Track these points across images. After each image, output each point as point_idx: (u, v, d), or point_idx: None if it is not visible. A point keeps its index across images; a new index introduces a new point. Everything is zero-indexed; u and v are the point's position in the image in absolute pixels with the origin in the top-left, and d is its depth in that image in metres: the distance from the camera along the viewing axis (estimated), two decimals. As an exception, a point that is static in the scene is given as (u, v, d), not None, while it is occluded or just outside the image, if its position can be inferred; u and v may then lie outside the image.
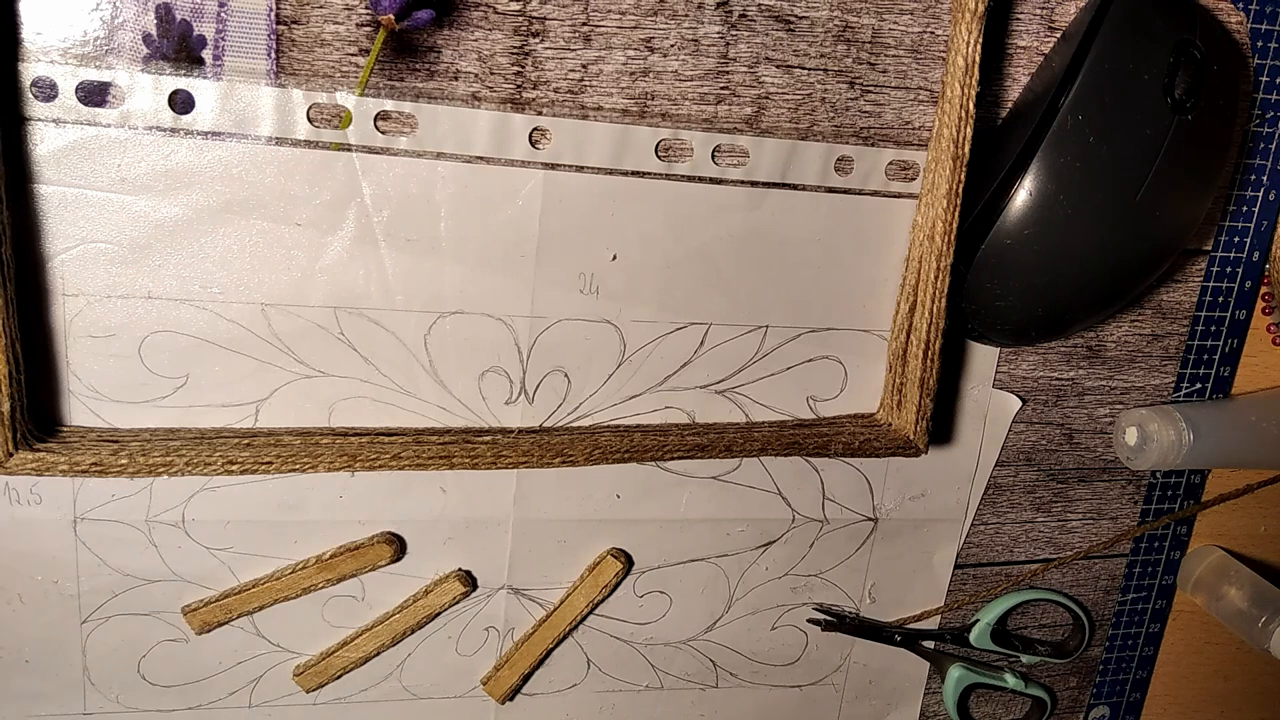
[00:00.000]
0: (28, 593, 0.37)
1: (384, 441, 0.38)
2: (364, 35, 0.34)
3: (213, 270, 0.35)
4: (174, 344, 0.36)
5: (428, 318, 0.38)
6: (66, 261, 0.34)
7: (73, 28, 0.32)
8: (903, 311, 0.41)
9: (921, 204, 0.40)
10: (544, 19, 0.36)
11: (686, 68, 0.38)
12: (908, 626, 0.48)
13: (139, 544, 0.38)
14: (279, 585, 0.39)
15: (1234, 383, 0.49)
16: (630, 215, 0.39)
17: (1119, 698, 0.53)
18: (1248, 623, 0.48)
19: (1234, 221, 0.46)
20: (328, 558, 0.39)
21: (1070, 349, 0.46)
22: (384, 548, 0.39)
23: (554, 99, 0.37)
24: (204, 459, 0.35)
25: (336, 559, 0.39)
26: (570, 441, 0.39)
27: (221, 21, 0.33)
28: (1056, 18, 0.41)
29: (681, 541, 0.43)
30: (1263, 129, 0.45)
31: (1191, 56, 0.39)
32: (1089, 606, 0.51)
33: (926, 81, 0.40)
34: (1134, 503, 0.50)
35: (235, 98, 0.34)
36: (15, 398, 0.33)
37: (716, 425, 0.42)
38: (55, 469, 0.34)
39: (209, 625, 0.39)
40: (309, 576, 0.39)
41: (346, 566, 0.39)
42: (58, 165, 0.33)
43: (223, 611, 0.39)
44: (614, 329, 0.40)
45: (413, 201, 0.36)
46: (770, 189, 0.40)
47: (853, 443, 0.42)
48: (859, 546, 0.46)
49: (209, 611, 0.39)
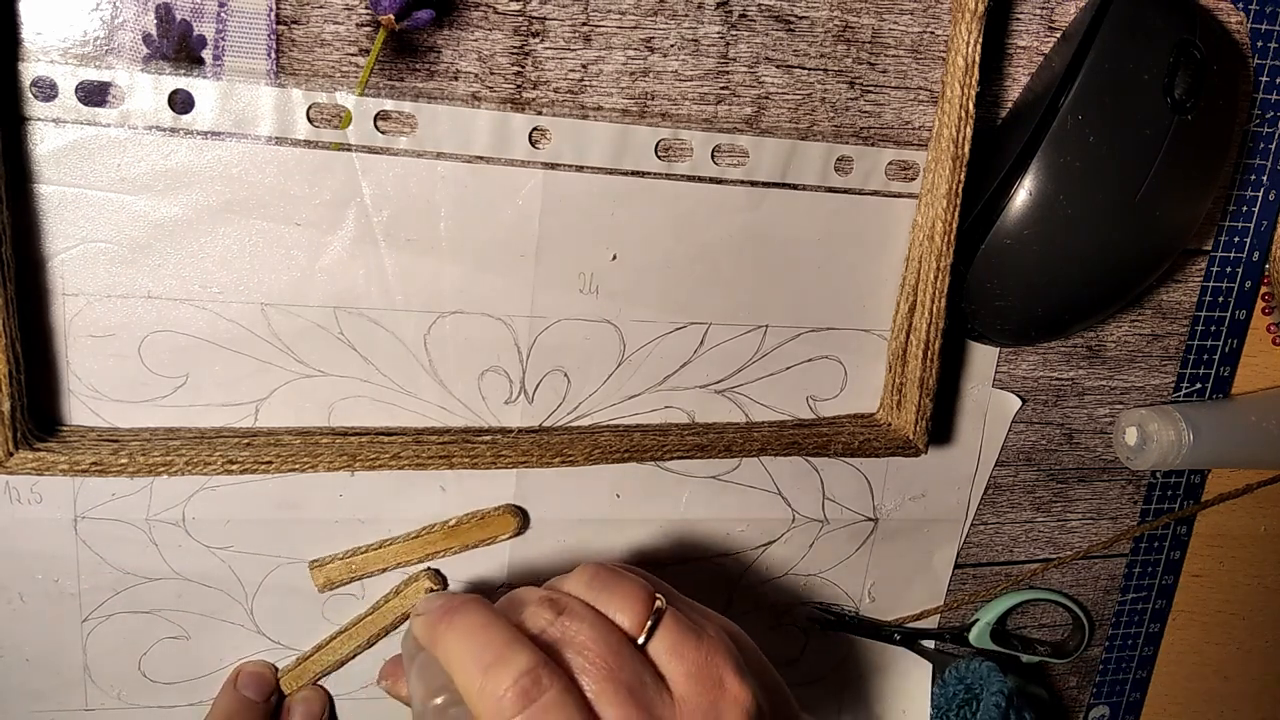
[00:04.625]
0: (28, 591, 0.37)
1: (384, 441, 0.38)
2: (364, 35, 0.34)
3: (212, 270, 0.35)
4: (174, 343, 0.36)
5: (427, 317, 0.38)
6: (66, 261, 0.34)
7: (72, 28, 0.32)
8: (903, 311, 0.41)
9: (921, 204, 0.40)
10: (544, 19, 0.36)
11: (686, 68, 0.38)
12: (907, 626, 0.48)
13: (139, 543, 0.38)
14: (403, 549, 0.39)
15: (1234, 383, 0.49)
16: (630, 215, 0.39)
17: (1119, 698, 0.53)
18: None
19: (1234, 221, 0.46)
20: (453, 524, 0.40)
21: (1070, 349, 0.46)
22: (509, 519, 0.40)
23: (554, 99, 0.37)
24: (204, 459, 0.35)
25: (462, 526, 0.40)
26: (570, 441, 0.39)
27: (221, 21, 0.33)
28: (1056, 18, 0.41)
29: (681, 541, 0.43)
30: (1263, 129, 0.45)
31: (1191, 56, 0.39)
32: (1089, 606, 0.51)
33: (926, 81, 0.40)
34: (1134, 503, 0.50)
35: (235, 97, 0.34)
36: (15, 397, 0.33)
37: (716, 425, 0.42)
38: (55, 469, 0.34)
39: (332, 583, 0.39)
40: (434, 543, 0.39)
41: (471, 535, 0.39)
42: (57, 165, 0.33)
43: (347, 570, 0.39)
44: (614, 329, 0.40)
45: (413, 201, 0.36)
46: (770, 189, 0.40)
47: (852, 443, 0.42)
48: (859, 546, 0.46)
49: (335, 568, 0.39)
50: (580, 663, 0.30)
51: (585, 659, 0.30)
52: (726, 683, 0.30)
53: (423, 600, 0.33)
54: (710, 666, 0.31)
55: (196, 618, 0.39)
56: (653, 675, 0.30)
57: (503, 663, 0.29)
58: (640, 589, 0.32)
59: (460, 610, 0.31)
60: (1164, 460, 0.46)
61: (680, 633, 0.31)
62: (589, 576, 0.33)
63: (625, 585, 0.32)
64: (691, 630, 0.31)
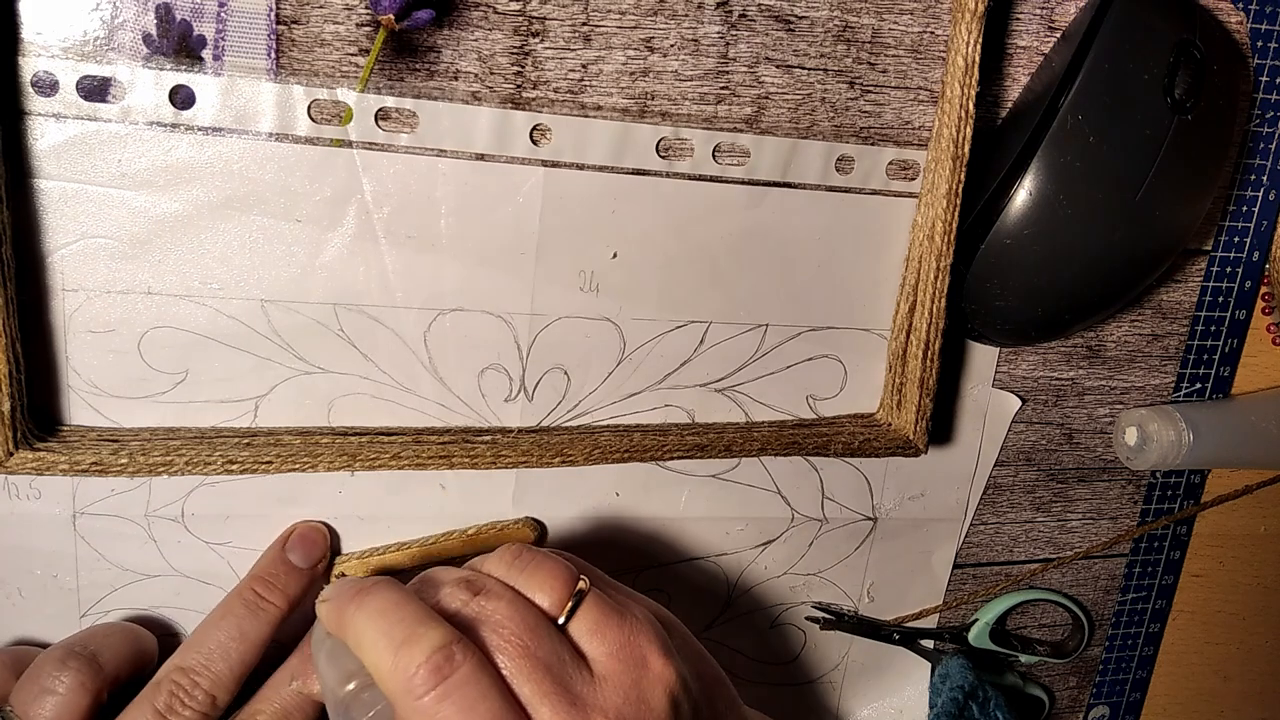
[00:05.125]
0: (27, 587, 0.37)
1: (384, 441, 0.38)
2: (364, 35, 0.34)
3: (213, 266, 0.35)
4: (174, 339, 0.36)
5: (427, 314, 0.38)
6: (66, 257, 0.34)
7: (73, 27, 0.32)
8: (903, 311, 0.41)
9: (921, 204, 0.40)
10: (544, 19, 0.36)
11: (686, 68, 0.38)
12: (906, 625, 0.48)
13: (138, 539, 0.38)
14: (421, 552, 0.40)
15: (1234, 383, 0.49)
16: (631, 213, 0.39)
17: (1119, 698, 0.53)
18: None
19: (1234, 221, 0.46)
20: (472, 533, 0.40)
21: (1070, 349, 0.46)
22: (527, 531, 0.40)
23: (554, 99, 0.37)
24: (204, 458, 0.35)
25: (482, 535, 0.40)
26: (570, 441, 0.39)
27: (221, 21, 0.33)
28: (1056, 18, 0.41)
29: (681, 540, 0.43)
30: (1263, 129, 0.45)
31: (1191, 56, 0.39)
32: (1089, 606, 0.51)
33: (926, 81, 0.40)
34: (1134, 503, 0.50)
35: (236, 93, 0.34)
36: (15, 397, 0.33)
37: (716, 425, 0.42)
38: (55, 468, 0.34)
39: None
40: (452, 549, 0.40)
41: (490, 545, 0.39)
42: (58, 160, 0.33)
43: (365, 570, 0.39)
44: (614, 327, 0.40)
45: (413, 198, 0.36)
46: (771, 188, 0.40)
47: (852, 442, 0.42)
48: (858, 546, 0.46)
49: (352, 567, 0.39)
50: (496, 640, 0.29)
51: (500, 637, 0.29)
52: (650, 661, 0.30)
53: (330, 587, 0.33)
54: (633, 646, 0.30)
55: (195, 615, 0.39)
56: (572, 654, 0.30)
57: (414, 640, 0.28)
58: (562, 569, 0.32)
59: (370, 591, 0.31)
60: (1164, 460, 0.46)
61: (602, 613, 0.31)
62: (510, 557, 0.32)
63: (547, 565, 0.32)
64: (614, 610, 0.31)
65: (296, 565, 0.38)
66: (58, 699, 0.33)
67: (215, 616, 0.36)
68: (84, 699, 0.33)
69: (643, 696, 0.30)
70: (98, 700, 0.34)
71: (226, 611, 0.36)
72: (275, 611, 0.37)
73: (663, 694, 0.30)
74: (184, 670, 0.35)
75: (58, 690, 0.33)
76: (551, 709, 0.28)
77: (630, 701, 0.29)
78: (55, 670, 0.33)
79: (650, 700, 0.30)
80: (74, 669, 0.33)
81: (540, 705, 0.28)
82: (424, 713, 0.28)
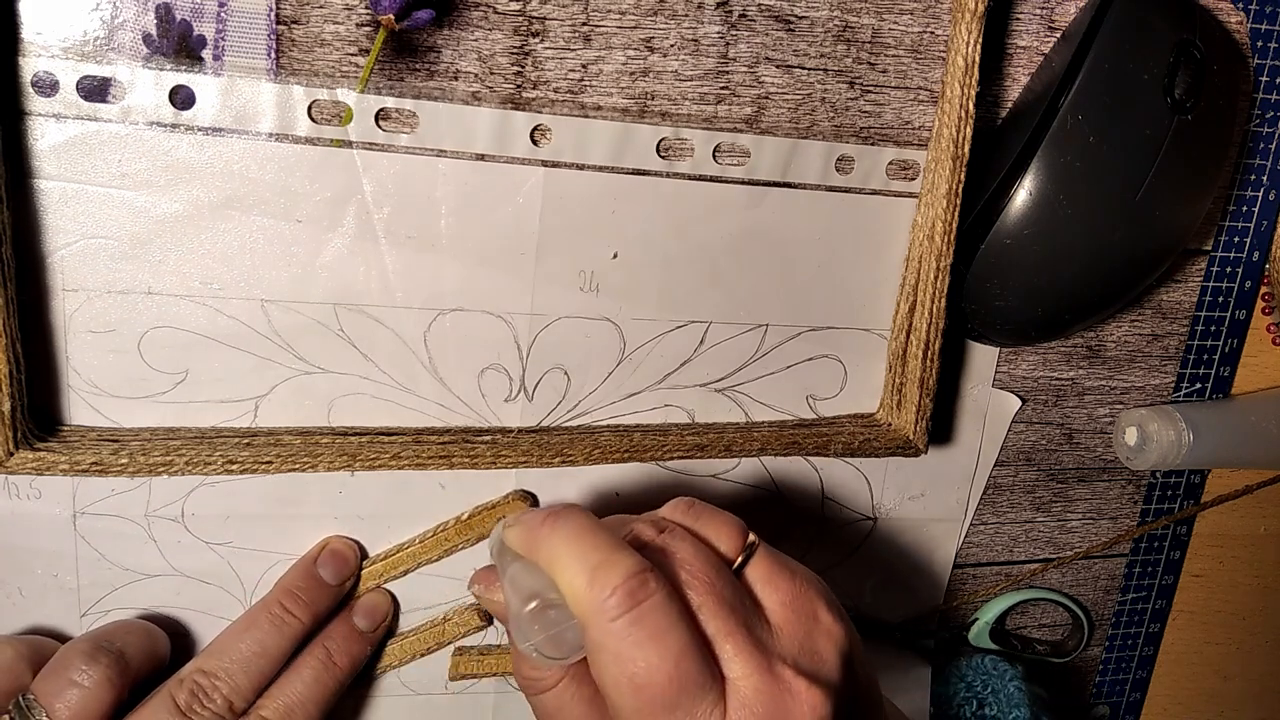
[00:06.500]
0: (27, 586, 0.37)
1: (384, 441, 0.38)
2: (364, 35, 0.35)
3: (213, 266, 0.35)
4: (174, 340, 0.36)
5: (427, 314, 0.38)
6: (66, 257, 0.34)
7: (73, 28, 0.32)
8: (903, 311, 0.41)
9: (921, 204, 0.40)
10: (544, 19, 0.36)
11: (686, 68, 0.38)
12: (907, 625, 0.48)
13: (138, 539, 0.38)
14: (420, 549, 0.40)
15: (1234, 383, 0.49)
16: (631, 213, 0.39)
17: (1119, 698, 0.53)
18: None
19: (1234, 221, 0.46)
20: (465, 518, 0.40)
21: (1070, 349, 0.46)
22: (519, 504, 0.40)
23: (554, 99, 0.37)
24: (204, 459, 0.35)
25: (475, 518, 0.40)
26: (570, 441, 0.39)
27: (221, 21, 0.33)
28: (1056, 18, 0.41)
29: (680, 540, 0.43)
30: (1263, 129, 0.45)
31: (1191, 56, 0.39)
32: (1089, 606, 0.51)
33: (926, 81, 0.40)
34: (1134, 503, 0.50)
35: (236, 94, 0.34)
36: (15, 397, 0.33)
37: (716, 425, 0.42)
38: (55, 468, 0.34)
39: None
40: (450, 538, 0.40)
41: (485, 525, 0.40)
42: (58, 160, 0.33)
43: (372, 578, 0.40)
44: (614, 327, 0.40)
45: (413, 198, 0.36)
46: (771, 188, 0.40)
47: (852, 442, 0.42)
48: (858, 546, 0.46)
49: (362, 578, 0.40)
50: (684, 576, 0.30)
51: (688, 573, 0.30)
52: (820, 616, 0.31)
53: (516, 514, 0.33)
54: (805, 598, 0.31)
55: (195, 615, 0.39)
56: (752, 599, 0.30)
57: (611, 564, 0.28)
58: (734, 521, 0.32)
59: (565, 515, 0.31)
60: (1164, 460, 0.46)
61: (774, 564, 0.31)
62: (685, 506, 0.33)
63: (720, 515, 0.32)
64: (785, 563, 0.32)
65: (326, 581, 0.38)
66: (84, 692, 0.33)
67: (240, 626, 0.37)
68: (109, 694, 0.34)
69: (815, 648, 0.30)
70: (120, 697, 0.34)
71: (251, 623, 0.37)
72: (299, 627, 0.37)
73: (833, 648, 0.30)
74: (207, 674, 0.35)
75: (84, 684, 0.33)
76: (735, 647, 0.29)
77: (805, 652, 0.30)
78: (84, 664, 0.34)
79: (822, 652, 0.30)
80: (104, 664, 0.34)
81: (725, 642, 0.29)
82: (616, 635, 0.28)
